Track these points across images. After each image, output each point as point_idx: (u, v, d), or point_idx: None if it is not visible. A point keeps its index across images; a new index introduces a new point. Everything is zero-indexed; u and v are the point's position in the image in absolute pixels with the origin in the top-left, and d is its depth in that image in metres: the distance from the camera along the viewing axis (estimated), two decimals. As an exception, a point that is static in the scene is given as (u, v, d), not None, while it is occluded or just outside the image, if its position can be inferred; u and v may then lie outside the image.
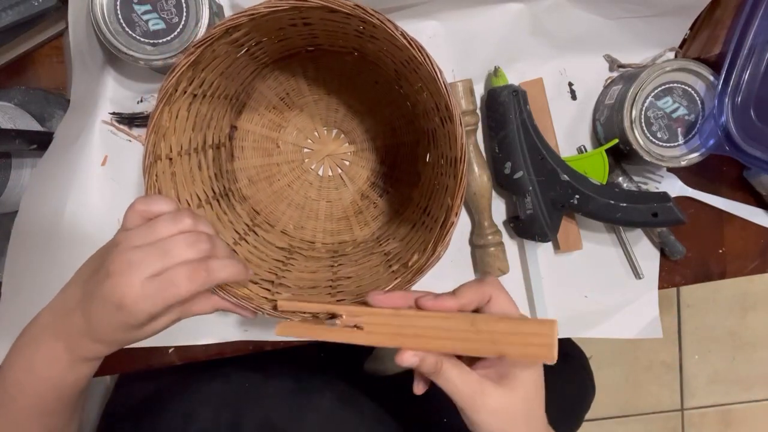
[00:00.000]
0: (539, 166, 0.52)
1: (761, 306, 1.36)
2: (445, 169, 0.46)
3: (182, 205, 0.46)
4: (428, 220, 0.49)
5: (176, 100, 0.43)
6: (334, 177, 0.59)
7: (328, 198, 0.59)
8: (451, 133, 0.41)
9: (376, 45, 0.46)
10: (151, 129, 0.41)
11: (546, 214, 0.53)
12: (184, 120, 0.45)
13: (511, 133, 0.52)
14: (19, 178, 0.51)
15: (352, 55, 0.54)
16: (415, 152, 0.56)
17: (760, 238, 0.59)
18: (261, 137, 0.57)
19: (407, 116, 0.56)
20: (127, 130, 0.55)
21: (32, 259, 0.53)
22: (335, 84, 0.56)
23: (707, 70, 0.51)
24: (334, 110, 0.57)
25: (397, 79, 0.52)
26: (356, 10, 0.38)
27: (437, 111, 0.44)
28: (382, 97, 0.56)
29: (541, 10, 0.53)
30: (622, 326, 0.58)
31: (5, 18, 0.47)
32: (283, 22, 0.44)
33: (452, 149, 0.42)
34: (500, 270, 0.55)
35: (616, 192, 0.52)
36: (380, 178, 0.58)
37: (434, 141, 0.50)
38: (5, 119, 0.49)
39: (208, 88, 0.46)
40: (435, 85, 0.39)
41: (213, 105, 0.49)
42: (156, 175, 0.43)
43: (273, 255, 0.53)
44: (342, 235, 0.58)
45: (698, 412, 1.39)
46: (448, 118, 0.41)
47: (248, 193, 0.57)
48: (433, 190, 0.51)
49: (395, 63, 0.47)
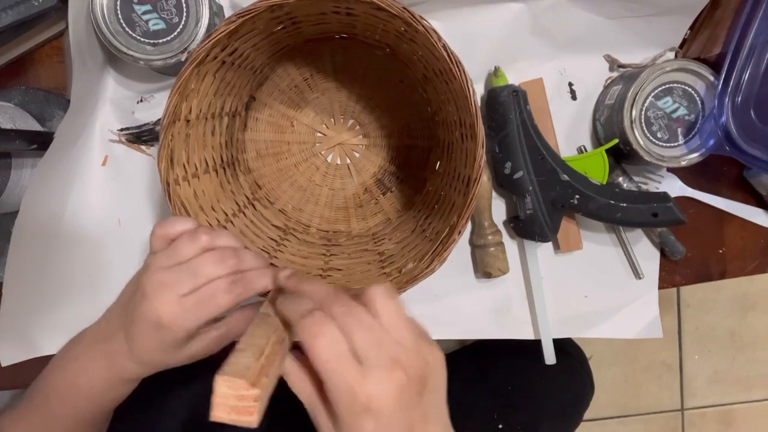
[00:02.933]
0: (539, 166, 0.52)
1: (761, 306, 1.36)
2: (456, 184, 0.46)
3: (193, 168, 0.47)
4: (428, 230, 0.49)
5: (206, 65, 0.42)
6: (341, 166, 0.59)
7: (331, 185, 0.59)
8: (470, 151, 0.42)
9: (411, 47, 0.46)
10: (176, 90, 0.41)
11: (546, 214, 0.53)
12: (209, 85, 0.45)
13: (511, 133, 0.52)
14: (19, 178, 0.51)
15: (384, 51, 0.54)
16: (426, 158, 0.56)
17: (760, 238, 0.59)
18: (277, 113, 0.57)
19: (425, 121, 0.56)
20: (143, 148, 0.55)
21: (33, 258, 0.53)
22: (360, 75, 0.56)
23: (707, 70, 0.51)
24: (354, 100, 0.57)
25: (423, 83, 0.52)
26: (404, 13, 0.38)
27: (460, 126, 0.44)
28: (403, 98, 0.56)
29: (541, 10, 0.53)
30: (622, 326, 0.58)
31: (5, 18, 0.47)
32: (327, 8, 0.44)
33: (467, 167, 0.42)
34: (500, 270, 0.55)
35: (616, 192, 0.52)
36: (387, 175, 0.58)
37: (449, 153, 0.51)
38: (5, 119, 0.49)
39: (237, 57, 0.46)
40: (465, 102, 0.40)
41: (238, 74, 0.49)
42: (172, 135, 0.43)
43: (268, 233, 0.53)
44: (338, 224, 0.58)
45: (698, 412, 1.38)
46: (471, 137, 0.41)
47: (254, 166, 0.56)
48: (438, 200, 0.51)
49: (426, 69, 0.47)
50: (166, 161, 0.42)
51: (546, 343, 0.56)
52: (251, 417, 0.30)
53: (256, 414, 0.30)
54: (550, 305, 0.57)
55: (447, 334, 0.57)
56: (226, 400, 0.30)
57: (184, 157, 0.45)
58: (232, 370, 0.31)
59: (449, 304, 0.57)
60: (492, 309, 0.58)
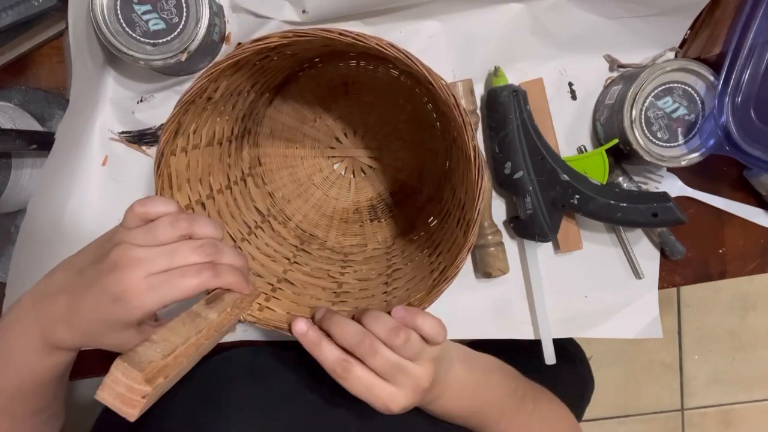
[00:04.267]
0: (539, 166, 0.52)
1: (761, 306, 1.36)
2: (440, 249, 0.47)
3: (198, 139, 0.46)
4: (392, 279, 0.50)
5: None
6: (344, 178, 0.59)
7: (327, 191, 0.59)
8: (469, 195, 0.42)
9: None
10: (206, 74, 0.39)
11: (546, 214, 0.53)
12: (243, 72, 0.45)
13: (511, 133, 0.52)
14: (19, 179, 0.51)
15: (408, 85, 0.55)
16: (423, 207, 0.57)
17: (761, 238, 0.59)
18: (306, 103, 0.57)
19: (439, 174, 0.57)
20: (144, 149, 0.55)
21: (35, 259, 0.53)
22: (401, 104, 0.57)
23: (707, 70, 0.51)
24: (383, 123, 0.58)
25: (436, 119, 0.53)
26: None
27: (461, 208, 0.45)
28: (428, 143, 0.57)
29: (541, 10, 0.53)
30: (622, 326, 0.58)
31: (5, 18, 0.47)
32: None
33: (454, 246, 0.44)
34: (500, 270, 0.55)
35: (616, 192, 0.52)
36: (381, 205, 0.59)
37: (445, 216, 0.51)
38: (5, 119, 0.49)
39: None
40: (467, 153, 0.39)
41: (281, 58, 0.48)
42: (186, 110, 0.41)
43: (246, 216, 0.53)
44: (317, 229, 0.58)
45: (698, 412, 1.39)
46: (466, 224, 0.42)
47: (263, 142, 0.57)
48: (410, 260, 0.52)
49: (435, 105, 0.48)
50: (169, 134, 0.41)
51: (546, 343, 0.56)
52: (133, 411, 0.30)
53: (138, 409, 0.30)
54: (550, 305, 0.57)
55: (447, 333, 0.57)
56: (116, 386, 0.30)
57: (192, 128, 0.44)
58: (134, 360, 0.31)
59: (449, 304, 0.57)
60: (492, 309, 0.58)
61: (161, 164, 0.42)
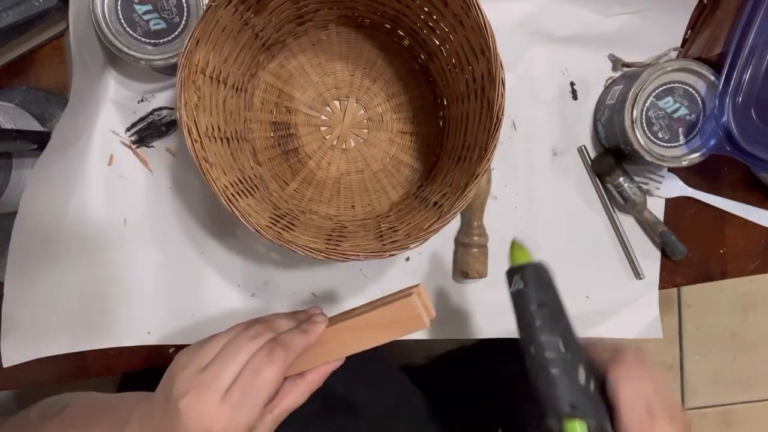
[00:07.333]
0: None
1: (762, 306, 1.36)
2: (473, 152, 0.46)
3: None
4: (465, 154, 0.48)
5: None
6: (336, 148, 0.58)
7: (357, 169, 0.58)
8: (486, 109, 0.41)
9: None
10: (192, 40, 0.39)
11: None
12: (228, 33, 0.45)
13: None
14: (19, 179, 0.51)
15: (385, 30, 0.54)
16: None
17: (761, 239, 0.59)
18: (300, 64, 0.56)
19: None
20: (146, 154, 0.55)
21: (34, 259, 0.53)
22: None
23: (708, 70, 0.51)
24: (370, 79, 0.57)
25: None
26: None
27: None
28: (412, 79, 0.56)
29: (541, 10, 0.53)
30: (622, 326, 0.58)
31: (6, 18, 0.47)
32: None
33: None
34: (478, 272, 0.54)
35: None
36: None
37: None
38: (6, 119, 0.49)
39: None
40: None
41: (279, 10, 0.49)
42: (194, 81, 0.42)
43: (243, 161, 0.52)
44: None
45: (698, 412, 1.38)
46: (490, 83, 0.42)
47: (269, 79, 0.56)
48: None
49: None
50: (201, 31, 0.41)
51: (546, 343, 0.56)
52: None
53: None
54: (550, 305, 0.57)
55: (447, 333, 0.57)
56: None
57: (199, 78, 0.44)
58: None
59: (449, 304, 0.57)
60: (492, 309, 0.58)
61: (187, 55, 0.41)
